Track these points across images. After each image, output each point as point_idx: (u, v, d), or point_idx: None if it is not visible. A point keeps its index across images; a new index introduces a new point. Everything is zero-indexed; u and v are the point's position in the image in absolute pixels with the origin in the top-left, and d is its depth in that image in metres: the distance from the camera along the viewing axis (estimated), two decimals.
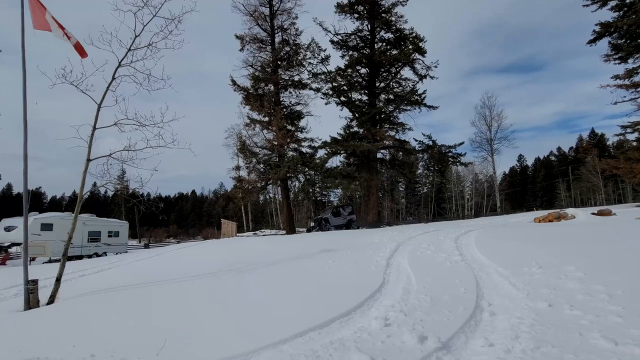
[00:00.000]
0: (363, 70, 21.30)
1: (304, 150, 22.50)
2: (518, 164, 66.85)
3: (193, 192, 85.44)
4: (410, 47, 19.31)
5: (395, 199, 47.94)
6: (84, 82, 5.81)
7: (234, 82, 22.39)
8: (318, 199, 25.40)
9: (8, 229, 19.44)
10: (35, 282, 5.47)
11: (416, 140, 21.44)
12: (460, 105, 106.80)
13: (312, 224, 23.72)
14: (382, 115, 21.20)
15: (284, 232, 23.88)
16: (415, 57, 20.28)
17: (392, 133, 21.29)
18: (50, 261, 18.89)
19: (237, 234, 26.17)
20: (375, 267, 6.17)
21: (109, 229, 23.47)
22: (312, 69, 21.59)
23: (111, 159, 6.15)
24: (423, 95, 20.53)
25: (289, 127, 22.14)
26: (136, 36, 6.28)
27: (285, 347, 2.96)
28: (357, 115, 21.31)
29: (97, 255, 21.04)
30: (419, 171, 46.80)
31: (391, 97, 21.33)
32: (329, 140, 21.45)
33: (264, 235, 25.42)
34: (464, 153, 21.71)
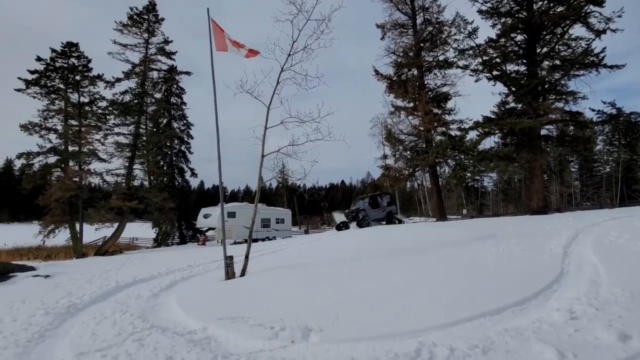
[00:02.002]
0: (519, 38, 24.25)
1: (452, 133, 26.98)
2: None
3: (342, 182, 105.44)
4: None
5: (566, 181, 45.41)
6: (256, 90, 8.89)
7: (376, 72, 29.74)
8: (470, 184, 29.78)
9: (205, 216, 32.28)
10: (231, 257, 8.56)
11: (593, 110, 22.28)
12: None
13: (344, 218, 24.27)
14: (546, 86, 23.62)
15: (434, 219, 30.31)
16: (588, 10, 22.21)
17: (560, 105, 23.26)
18: (235, 243, 27.87)
19: None
20: (549, 255, 7.00)
21: (277, 216, 35.26)
22: (458, 45, 25.91)
23: (279, 154, 9.07)
24: (601, 55, 21.63)
25: (435, 110, 27.46)
26: (294, 42, 8.94)
27: (453, 330, 3.84)
28: (513, 89, 24.65)
29: (268, 239, 29.51)
30: (598, 147, 43.15)
31: (557, 62, 23.10)
32: (480, 120, 25.86)
33: (412, 222, 32.61)
34: None
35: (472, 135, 25.17)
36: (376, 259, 9.22)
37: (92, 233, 25.23)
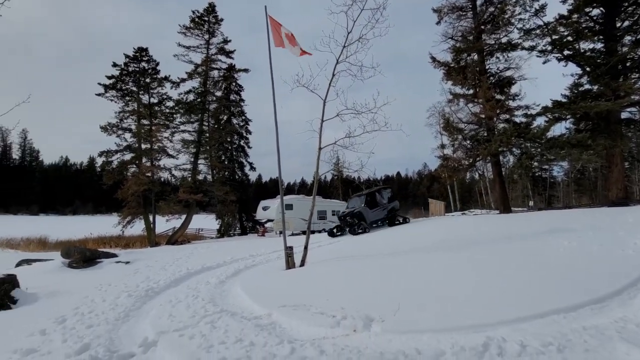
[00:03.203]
0: (595, 12, 21.83)
1: (517, 120, 25.44)
2: None
3: (398, 173, 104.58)
4: None
5: None
6: (312, 83, 9.00)
7: (433, 59, 28.61)
8: (537, 174, 27.76)
9: (264, 208, 33.56)
10: (291, 248, 8.87)
11: None
12: None
13: (340, 221, 19.39)
14: (628, 63, 21.12)
15: (497, 211, 28.73)
16: None
17: None
18: (292, 234, 31.86)
19: (445, 214, 33.38)
20: (633, 250, 6.64)
21: (333, 209, 35.49)
22: (524, 25, 24.08)
23: (334, 146, 9.22)
24: None
25: (498, 96, 25.84)
26: (348, 33, 8.86)
27: (523, 326, 3.69)
28: (588, 69, 22.34)
29: (325, 230, 33.39)
30: None
31: None
32: (550, 104, 23.98)
33: (473, 214, 31.21)
34: None
35: (540, 121, 23.39)
36: (437, 251, 9.06)
37: (163, 224, 27.25)
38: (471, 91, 25.70)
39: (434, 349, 3.44)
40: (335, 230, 18.12)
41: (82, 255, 11.95)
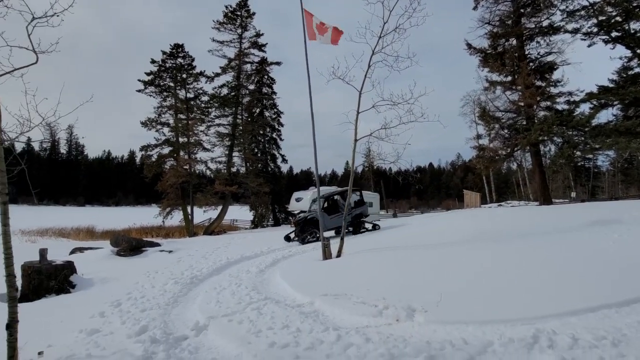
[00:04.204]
0: None
1: (559, 107, 24.40)
2: None
3: (430, 164, 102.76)
4: None
5: None
6: (347, 75, 8.90)
7: (469, 46, 27.64)
8: (580, 164, 26.39)
9: (298, 199, 34.07)
10: (327, 239, 8.95)
11: None
12: None
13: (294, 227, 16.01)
14: None
15: (536, 203, 27.64)
16: None
17: None
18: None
19: (481, 205, 32.52)
20: None
21: (365, 200, 36.40)
22: (567, 6, 22.67)
23: (365, 138, 9.18)
24: None
25: (538, 82, 24.69)
26: (384, 23, 8.69)
27: (573, 320, 3.64)
28: (639, 50, 21.33)
29: None
30: None
31: None
32: (595, 90, 22.74)
33: (511, 206, 30.23)
34: None
35: (584, 108, 22.22)
36: (478, 243, 8.91)
37: (199, 215, 28.19)
38: (509, 78, 24.75)
39: (481, 340, 3.45)
40: (292, 235, 15.06)
41: (129, 244, 12.63)
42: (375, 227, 16.67)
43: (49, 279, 7.81)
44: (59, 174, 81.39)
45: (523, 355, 3.06)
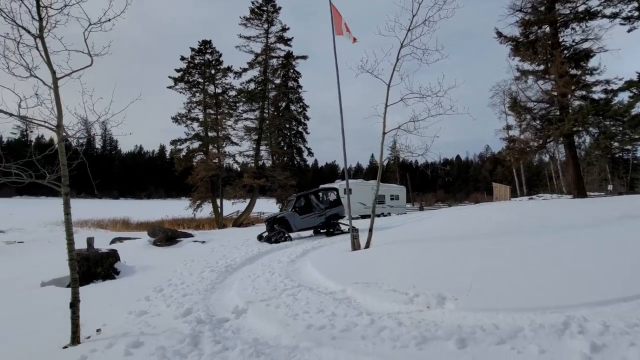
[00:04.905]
0: None
1: (595, 96, 23.49)
2: None
3: (457, 157, 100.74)
4: None
5: None
6: (375, 69, 9.01)
7: (499, 34, 26.88)
8: (617, 155, 25.24)
9: None
10: (356, 230, 9.24)
11: None
12: None
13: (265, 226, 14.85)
14: None
15: (570, 196, 26.74)
16: None
17: None
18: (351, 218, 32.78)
19: (511, 198, 31.76)
20: None
21: (391, 193, 35.34)
22: None
23: (391, 131, 9.29)
24: None
25: (573, 71, 23.67)
26: (413, 16, 8.76)
27: (605, 309, 3.66)
28: None
29: (383, 215, 32.75)
30: None
31: None
32: (635, 78, 21.74)
33: (542, 199, 29.40)
34: None
35: (623, 97, 21.27)
36: (508, 235, 8.93)
37: (228, 207, 28.95)
38: (542, 67, 23.95)
39: (511, 326, 3.57)
40: (264, 234, 14.02)
41: (165, 235, 13.26)
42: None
43: (96, 266, 8.38)
44: (95, 168, 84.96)
45: (553, 340, 3.17)
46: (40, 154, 4.48)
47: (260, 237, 13.78)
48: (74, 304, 4.33)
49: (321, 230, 14.58)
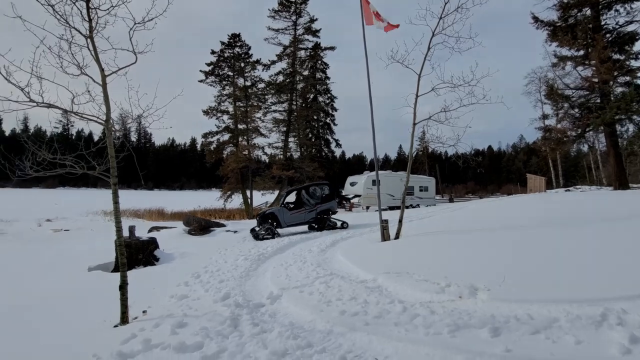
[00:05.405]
0: None
1: None
2: None
3: (489, 147, 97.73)
4: None
5: None
6: (406, 59, 8.88)
7: (535, 19, 25.75)
8: None
9: (352, 184, 34.12)
10: (386, 221, 9.14)
11: None
12: None
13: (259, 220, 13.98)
14: None
15: (610, 187, 25.48)
16: None
17: None
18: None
19: (547, 190, 30.63)
20: None
21: (420, 184, 34.82)
22: None
23: (428, 121, 9.00)
24: None
25: (616, 56, 22.43)
26: (445, 3, 8.56)
27: None
28: None
29: (412, 206, 32.61)
30: None
31: None
32: None
33: (580, 191, 28.18)
34: None
35: None
36: (542, 227, 8.74)
37: (258, 198, 29.54)
38: (581, 52, 22.88)
39: (546, 316, 3.56)
40: (256, 229, 13.47)
41: (199, 225, 13.76)
42: (343, 226, 14.61)
43: (137, 253, 8.86)
44: (130, 160, 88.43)
45: (590, 331, 3.15)
46: (87, 148, 4.79)
47: (252, 231, 13.35)
48: (123, 287, 4.65)
49: (315, 226, 14.33)
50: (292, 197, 14.96)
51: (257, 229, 13.17)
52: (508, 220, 11.04)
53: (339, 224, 14.80)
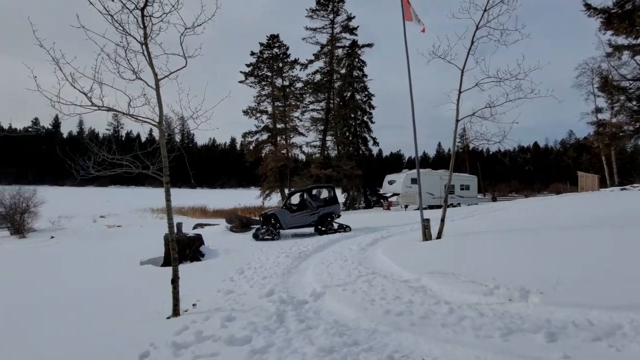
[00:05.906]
0: None
1: None
2: None
3: (535, 144, 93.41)
4: None
5: None
6: (448, 54, 8.65)
7: (587, 6, 24.25)
8: None
9: (390, 182, 33.52)
10: (428, 220, 8.95)
11: None
12: None
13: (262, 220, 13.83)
14: None
15: None
16: None
17: None
18: (418, 209, 31.93)
19: (600, 189, 28.59)
20: None
21: (461, 183, 33.64)
22: None
23: (470, 117, 8.75)
24: None
25: None
26: None
27: None
28: None
29: (452, 205, 31.54)
30: None
31: None
32: None
33: (638, 190, 26.13)
34: None
35: None
36: (598, 228, 8.25)
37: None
38: (639, 40, 21.17)
39: (608, 323, 3.35)
40: (259, 231, 13.39)
41: (241, 222, 14.14)
42: (345, 230, 13.87)
43: (184, 249, 9.23)
44: (175, 161, 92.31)
45: None
46: (142, 149, 5.04)
47: (258, 236, 12.97)
48: (175, 281, 4.87)
49: (321, 228, 13.78)
50: (296, 199, 14.55)
51: (260, 234, 12.85)
52: (557, 219, 10.65)
53: (337, 227, 14.02)
